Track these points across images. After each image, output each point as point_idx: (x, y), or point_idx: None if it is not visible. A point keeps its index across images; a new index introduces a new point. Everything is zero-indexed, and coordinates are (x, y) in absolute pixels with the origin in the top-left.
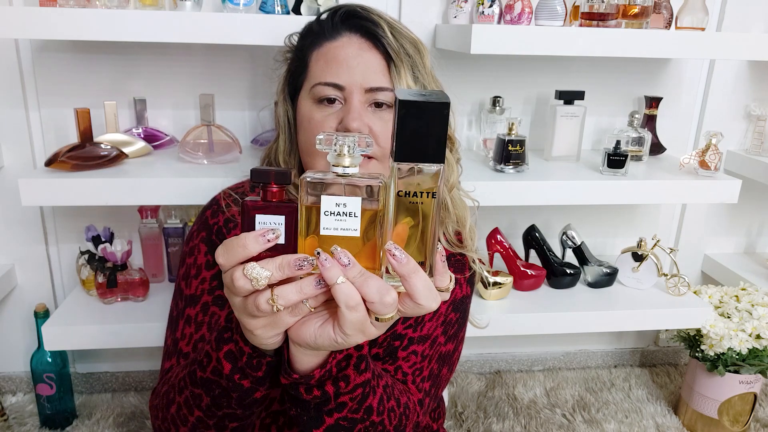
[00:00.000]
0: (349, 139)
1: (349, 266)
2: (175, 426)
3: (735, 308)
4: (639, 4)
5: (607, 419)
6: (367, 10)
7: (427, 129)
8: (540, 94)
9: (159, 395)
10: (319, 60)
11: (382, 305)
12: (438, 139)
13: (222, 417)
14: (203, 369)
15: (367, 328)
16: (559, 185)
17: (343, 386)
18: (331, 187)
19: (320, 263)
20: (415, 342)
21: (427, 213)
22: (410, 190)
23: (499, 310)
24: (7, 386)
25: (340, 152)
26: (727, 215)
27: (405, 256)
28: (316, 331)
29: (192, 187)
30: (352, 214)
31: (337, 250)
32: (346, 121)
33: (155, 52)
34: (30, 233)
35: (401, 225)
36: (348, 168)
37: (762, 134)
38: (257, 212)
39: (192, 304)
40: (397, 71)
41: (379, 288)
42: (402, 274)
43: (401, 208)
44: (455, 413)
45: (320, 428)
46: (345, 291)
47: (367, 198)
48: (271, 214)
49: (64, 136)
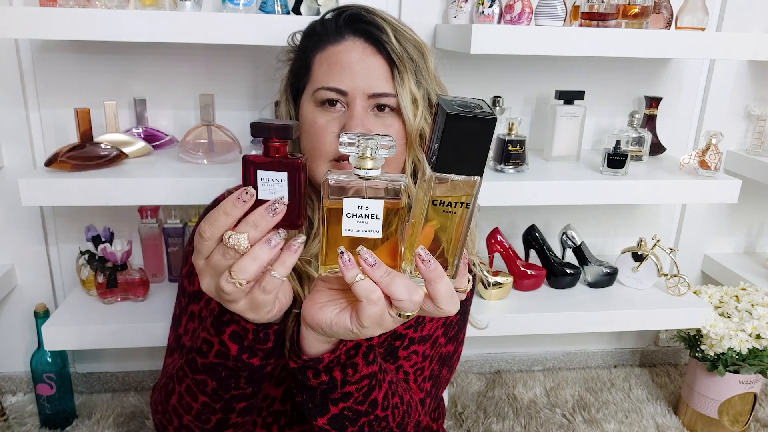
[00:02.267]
0: (372, 141)
1: (376, 266)
2: (177, 416)
3: (735, 308)
4: (639, 4)
5: (607, 419)
6: (371, 13)
7: (471, 143)
8: (540, 94)
9: (158, 389)
10: (323, 64)
11: (411, 303)
12: (480, 153)
13: (229, 399)
14: (204, 355)
15: (385, 321)
16: (559, 185)
17: (351, 374)
18: (354, 190)
19: (341, 263)
20: (416, 342)
21: (459, 221)
22: (445, 199)
23: (499, 310)
24: (7, 386)
25: (363, 154)
26: (727, 215)
27: (433, 262)
28: (332, 318)
29: (192, 187)
30: (374, 216)
31: (363, 251)
32: (348, 127)
33: (155, 52)
34: (30, 233)
35: (428, 227)
36: (371, 170)
37: (762, 134)
38: (259, 168)
39: (196, 301)
40: (400, 77)
41: (408, 287)
42: (428, 278)
43: (432, 214)
44: (455, 413)
45: (324, 417)
46: (365, 287)
47: (389, 199)
48: (273, 170)
49: (64, 136)
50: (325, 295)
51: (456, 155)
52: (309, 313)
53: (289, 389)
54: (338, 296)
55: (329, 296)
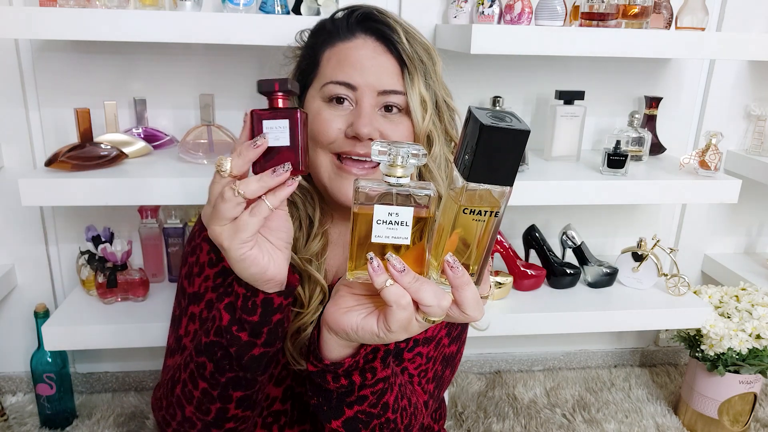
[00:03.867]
0: (403, 149)
1: (404, 272)
2: (180, 408)
3: (735, 308)
4: (639, 4)
5: (607, 419)
6: (383, 14)
7: (504, 154)
8: (540, 94)
9: (163, 384)
10: (332, 59)
11: (439, 308)
12: (512, 164)
13: (225, 384)
14: (207, 334)
15: (411, 326)
16: (559, 185)
17: (369, 378)
18: (384, 197)
19: (371, 269)
20: (420, 344)
21: (486, 230)
22: (475, 208)
23: (499, 310)
24: (7, 386)
25: (394, 162)
26: (727, 215)
27: (461, 269)
28: (358, 323)
29: (192, 187)
30: (403, 223)
31: (392, 258)
32: (356, 126)
33: (155, 52)
34: (30, 233)
35: (454, 234)
36: (401, 178)
37: (762, 134)
38: (264, 118)
39: (196, 302)
40: (410, 77)
41: (436, 293)
42: (455, 285)
43: (460, 222)
44: (455, 413)
45: (339, 420)
46: (395, 292)
47: (418, 207)
48: (276, 119)
49: (64, 136)
50: (350, 300)
51: (489, 166)
52: (333, 317)
53: (289, 389)
54: (363, 301)
55: (354, 301)
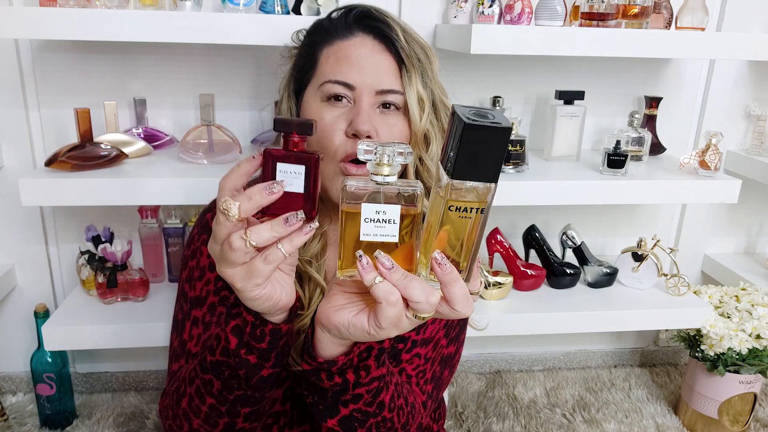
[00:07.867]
0: (389, 148)
1: (393, 270)
2: (187, 420)
3: (735, 308)
4: (639, 4)
5: (607, 419)
6: (381, 13)
7: (487, 151)
8: (540, 94)
9: (169, 394)
10: (330, 57)
11: (428, 305)
12: (496, 161)
13: (234, 401)
14: (213, 352)
15: (402, 323)
16: (559, 185)
17: (363, 376)
18: (371, 195)
19: (360, 267)
20: (418, 344)
21: (473, 226)
22: (461, 205)
23: (499, 310)
24: (7, 386)
25: (380, 161)
26: (727, 215)
27: (449, 265)
28: (350, 320)
29: (192, 187)
30: (391, 221)
31: (381, 255)
32: (355, 124)
33: (155, 52)
34: (30, 233)
35: (442, 231)
36: (387, 176)
37: (762, 134)
38: (279, 161)
39: (198, 306)
40: (408, 75)
41: (424, 289)
42: (444, 282)
43: (447, 219)
44: (455, 413)
45: (335, 418)
46: (384, 289)
47: (405, 205)
48: (291, 163)
49: (64, 136)
50: (342, 298)
51: (472, 163)
52: (326, 315)
53: (289, 389)
54: (354, 299)
55: (345, 299)
